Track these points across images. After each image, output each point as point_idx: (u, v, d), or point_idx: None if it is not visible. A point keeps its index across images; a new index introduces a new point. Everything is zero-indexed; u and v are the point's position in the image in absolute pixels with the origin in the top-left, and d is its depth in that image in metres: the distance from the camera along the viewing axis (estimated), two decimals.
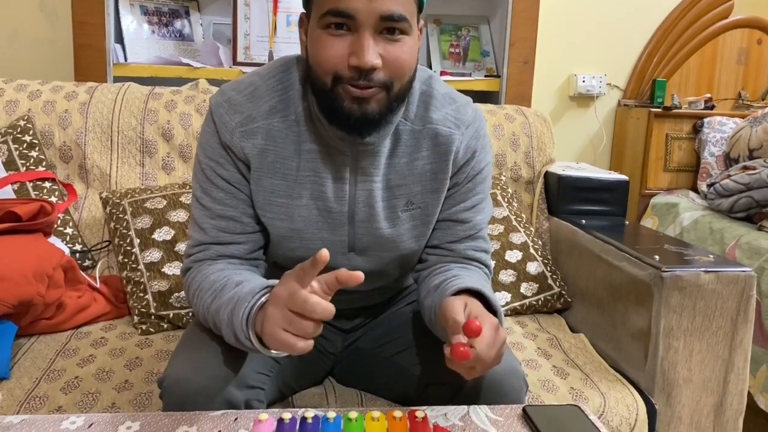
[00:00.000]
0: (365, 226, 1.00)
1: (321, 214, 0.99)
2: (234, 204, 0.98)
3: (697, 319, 1.26)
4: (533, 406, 0.88)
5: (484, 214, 1.06)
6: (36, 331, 1.31)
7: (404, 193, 1.00)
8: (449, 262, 1.04)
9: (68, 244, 1.51)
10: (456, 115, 1.01)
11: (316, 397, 1.14)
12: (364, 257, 1.03)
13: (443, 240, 1.05)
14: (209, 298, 0.92)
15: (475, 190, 1.04)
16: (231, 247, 0.99)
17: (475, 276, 1.00)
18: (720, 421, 1.29)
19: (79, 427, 0.81)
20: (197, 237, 0.99)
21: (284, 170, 0.97)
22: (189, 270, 1.00)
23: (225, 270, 0.95)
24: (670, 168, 2.38)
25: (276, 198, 0.98)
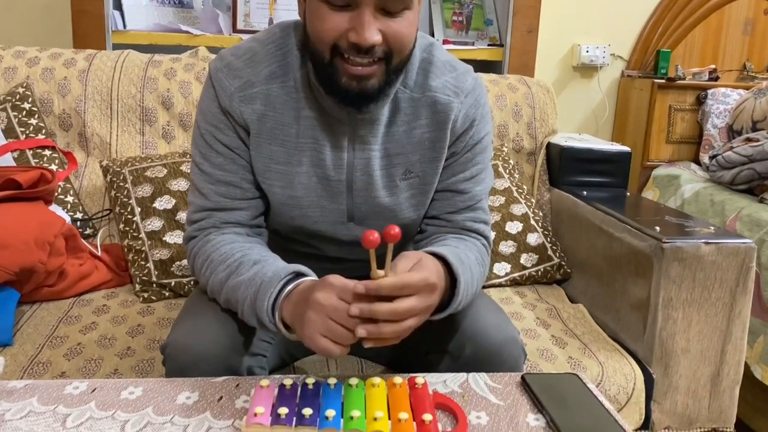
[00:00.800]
0: (363, 195, 1.00)
1: (320, 182, 0.99)
2: (234, 169, 0.98)
3: (696, 290, 1.26)
4: (532, 374, 0.89)
5: (483, 184, 1.05)
6: (38, 298, 1.32)
7: (402, 162, 1.00)
8: (447, 233, 1.04)
9: (69, 212, 1.51)
10: (455, 83, 1.00)
11: (316, 365, 1.15)
12: (363, 227, 1.03)
13: (442, 211, 1.04)
14: (223, 273, 0.91)
15: (474, 160, 1.03)
16: (234, 213, 0.98)
17: (463, 247, 0.99)
18: (716, 391, 1.30)
19: (83, 392, 0.82)
20: (199, 203, 0.99)
21: (283, 136, 0.97)
22: (193, 238, 0.99)
23: (236, 243, 0.95)
24: (672, 140, 2.36)
25: (275, 165, 0.98)
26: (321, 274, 1.12)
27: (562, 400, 0.83)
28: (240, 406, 0.80)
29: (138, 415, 0.77)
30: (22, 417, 0.76)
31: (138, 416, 0.77)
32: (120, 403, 0.80)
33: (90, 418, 0.76)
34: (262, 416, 0.74)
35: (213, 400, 0.81)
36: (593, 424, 0.78)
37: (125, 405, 0.79)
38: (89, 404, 0.79)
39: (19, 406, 0.79)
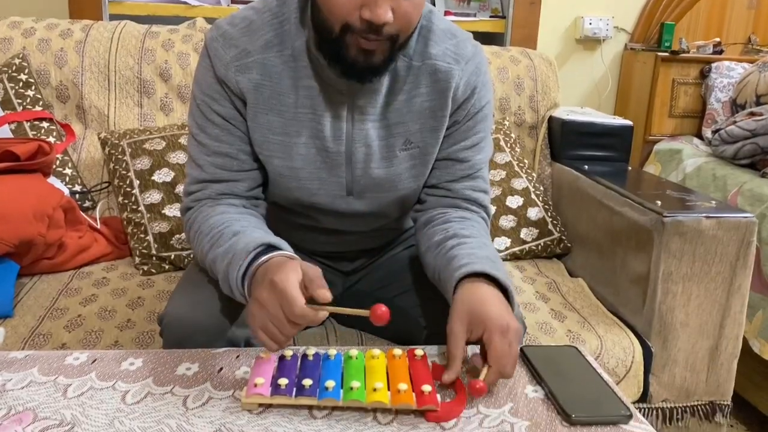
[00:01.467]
0: (362, 168, 0.99)
1: (319, 153, 0.98)
2: (230, 141, 0.97)
3: (696, 265, 1.26)
4: (531, 347, 0.89)
5: (483, 153, 1.04)
6: (38, 270, 1.32)
7: (402, 132, 0.99)
8: (448, 205, 1.03)
9: (67, 184, 1.50)
10: (456, 50, 0.98)
11: (316, 337, 1.16)
12: (362, 200, 1.02)
13: (441, 179, 1.03)
14: (207, 245, 0.91)
15: (475, 128, 1.02)
16: (230, 184, 0.98)
17: (475, 233, 0.97)
18: (714, 364, 1.31)
19: (83, 363, 0.82)
20: (195, 174, 0.98)
21: (281, 106, 0.95)
22: (189, 210, 0.99)
23: (225, 215, 0.94)
24: (675, 114, 2.34)
25: (273, 135, 0.97)
26: (320, 247, 1.13)
27: (561, 372, 0.83)
28: (240, 376, 0.81)
29: (138, 385, 0.78)
30: (23, 387, 0.77)
31: (138, 387, 0.77)
32: (120, 373, 0.80)
33: (91, 389, 0.77)
34: (262, 387, 0.74)
35: (213, 371, 0.81)
36: (592, 396, 0.79)
37: (125, 376, 0.80)
38: (90, 375, 0.80)
39: (20, 376, 0.79)
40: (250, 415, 0.73)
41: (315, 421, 0.73)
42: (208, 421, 0.72)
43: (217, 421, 0.72)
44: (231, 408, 0.74)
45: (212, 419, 0.72)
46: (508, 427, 0.73)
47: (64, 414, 0.72)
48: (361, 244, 1.14)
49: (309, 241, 1.11)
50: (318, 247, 1.12)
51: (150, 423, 0.71)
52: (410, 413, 0.75)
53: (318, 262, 1.14)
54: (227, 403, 0.75)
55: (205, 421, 0.72)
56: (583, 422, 0.74)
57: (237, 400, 0.75)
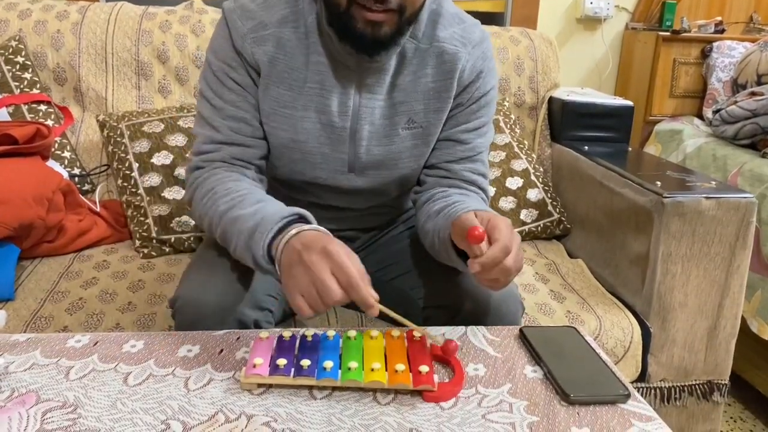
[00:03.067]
0: (366, 145, 1.00)
1: (324, 129, 0.99)
2: (245, 107, 0.98)
3: (696, 245, 1.26)
4: (530, 327, 0.90)
5: (485, 138, 1.05)
6: (38, 254, 1.32)
7: (406, 111, 1.00)
8: (447, 186, 1.04)
9: (66, 167, 1.50)
10: (463, 34, 1.00)
11: (317, 318, 1.16)
12: (363, 178, 1.04)
13: (441, 159, 1.04)
14: (224, 204, 0.90)
15: (479, 112, 1.03)
16: (244, 149, 0.98)
17: (475, 202, 0.99)
18: (713, 344, 1.31)
19: (85, 345, 0.83)
20: (208, 134, 0.98)
21: (291, 80, 0.97)
22: (200, 169, 0.98)
23: (242, 182, 0.95)
24: (675, 94, 2.33)
25: (281, 108, 0.98)
26: (320, 224, 1.13)
27: (560, 352, 0.84)
28: (240, 357, 0.81)
29: (140, 367, 0.78)
30: (25, 369, 0.77)
31: (140, 369, 0.78)
32: (122, 355, 0.81)
33: (93, 371, 0.77)
34: (261, 367, 0.75)
35: (214, 352, 0.82)
36: (591, 376, 0.79)
37: (127, 358, 0.80)
38: (92, 357, 0.80)
39: (23, 358, 0.79)
40: (251, 395, 0.74)
41: (315, 402, 0.73)
42: (209, 402, 0.72)
43: (218, 402, 0.72)
44: (232, 389, 0.75)
45: (213, 400, 0.73)
46: (507, 407, 0.73)
47: (66, 396, 0.72)
48: (360, 222, 1.15)
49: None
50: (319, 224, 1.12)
51: (152, 404, 0.71)
52: (409, 393, 0.75)
53: None
54: (228, 384, 0.76)
55: (207, 402, 0.72)
56: (581, 402, 0.74)
57: (237, 382, 0.76)
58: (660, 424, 0.72)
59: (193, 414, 0.70)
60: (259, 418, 0.70)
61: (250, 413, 0.70)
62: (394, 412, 0.72)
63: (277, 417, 0.70)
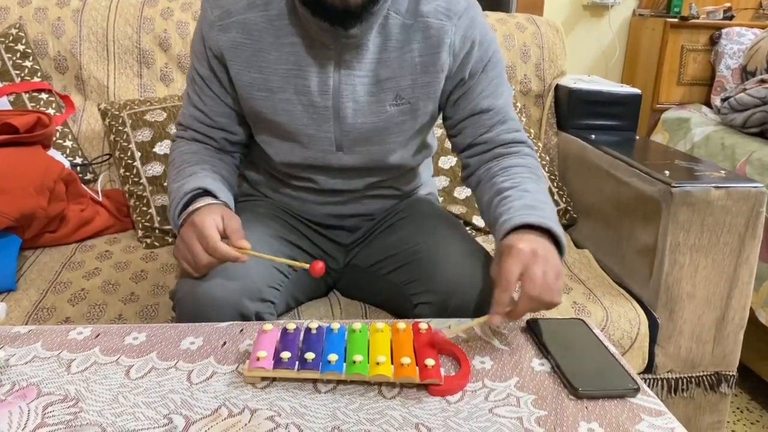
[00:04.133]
0: (351, 122, 1.01)
1: (305, 109, 1.00)
2: (205, 99, 1.03)
3: (704, 236, 1.24)
4: (537, 319, 0.89)
5: (504, 97, 1.05)
6: (40, 244, 1.32)
7: (392, 87, 1.00)
8: (489, 159, 1.03)
9: (68, 157, 1.49)
10: (447, 6, 0.99)
11: (321, 309, 1.15)
12: (352, 155, 1.04)
13: (476, 135, 1.04)
14: (172, 175, 1.01)
15: (489, 76, 1.03)
16: (203, 136, 1.05)
17: (517, 181, 0.96)
18: (721, 335, 1.30)
19: (87, 338, 0.82)
20: (179, 118, 1.08)
21: (261, 63, 0.98)
22: (173, 142, 1.08)
23: (195, 154, 1.02)
24: (683, 81, 2.30)
25: (258, 92, 1.00)
26: (320, 209, 1.12)
27: (568, 345, 0.83)
28: (244, 350, 0.80)
29: (142, 360, 0.77)
30: (26, 362, 0.76)
31: (142, 361, 0.77)
32: (124, 348, 0.80)
33: (94, 363, 0.76)
34: (265, 360, 0.74)
35: (217, 345, 0.81)
36: (599, 369, 0.78)
37: (129, 350, 0.79)
38: (93, 349, 0.79)
39: (24, 351, 0.79)
40: (255, 389, 0.73)
41: (320, 395, 0.72)
42: (212, 396, 0.71)
43: (222, 395, 0.71)
44: (235, 382, 0.74)
45: (216, 394, 0.72)
46: (514, 401, 0.72)
47: (68, 389, 0.72)
48: (359, 207, 1.13)
49: (309, 206, 1.11)
50: (318, 210, 1.12)
51: (154, 398, 0.70)
52: (414, 387, 0.74)
53: (319, 234, 1.14)
54: (231, 378, 0.75)
55: (210, 395, 0.71)
56: (589, 395, 0.73)
57: (241, 375, 0.75)
58: (670, 418, 0.71)
59: (196, 408, 0.69)
60: (263, 412, 0.69)
61: (254, 407, 0.70)
62: (400, 407, 0.71)
63: (281, 411, 0.69)
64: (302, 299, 1.13)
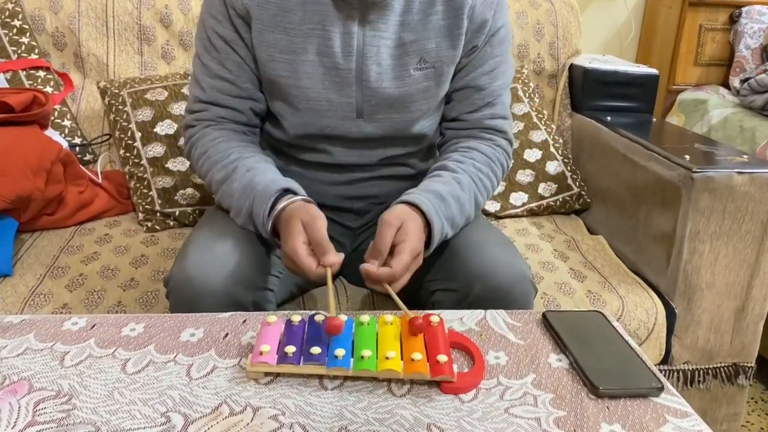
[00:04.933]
0: (374, 87, 0.98)
1: (327, 72, 0.96)
2: (230, 66, 0.98)
3: (725, 223, 1.20)
4: (553, 312, 0.84)
5: (503, 79, 1.03)
6: (38, 227, 1.28)
7: (417, 50, 0.97)
8: (465, 136, 1.04)
9: (66, 137, 1.44)
10: None
11: (326, 297, 1.11)
12: (373, 123, 1.01)
13: (462, 111, 1.04)
14: (219, 174, 0.95)
15: (493, 53, 1.01)
16: (230, 111, 1.00)
17: (462, 166, 0.98)
18: (740, 326, 1.26)
19: (82, 328, 0.78)
20: (197, 94, 1.00)
21: (286, 23, 0.94)
22: (191, 127, 1.01)
23: (232, 141, 0.97)
24: (701, 62, 2.23)
25: (279, 53, 0.96)
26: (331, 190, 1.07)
27: (586, 339, 0.78)
28: (246, 343, 0.76)
29: (139, 353, 0.74)
30: (18, 354, 0.73)
31: (139, 354, 0.73)
32: (121, 340, 0.76)
33: (89, 356, 0.73)
34: (268, 354, 0.70)
35: (218, 337, 0.77)
36: (620, 366, 0.74)
37: (126, 342, 0.75)
38: (88, 341, 0.75)
39: (16, 342, 0.75)
40: (257, 385, 0.69)
41: (326, 393, 0.68)
42: (212, 393, 0.67)
43: (223, 392, 0.68)
44: (237, 378, 0.70)
45: (217, 390, 0.68)
46: (531, 400, 0.68)
47: (61, 384, 0.68)
48: (369, 188, 1.09)
49: (317, 186, 1.06)
50: (327, 191, 1.07)
51: (152, 394, 0.67)
52: (426, 384, 0.70)
53: (327, 218, 1.09)
54: (233, 373, 0.71)
55: (210, 392, 0.68)
56: (611, 395, 0.69)
57: (243, 370, 0.71)
58: (696, 420, 0.67)
59: (196, 406, 0.65)
60: (266, 411, 0.65)
61: (257, 405, 0.66)
62: (410, 405, 0.67)
63: (285, 410, 0.65)
64: (306, 287, 1.09)
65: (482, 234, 0.97)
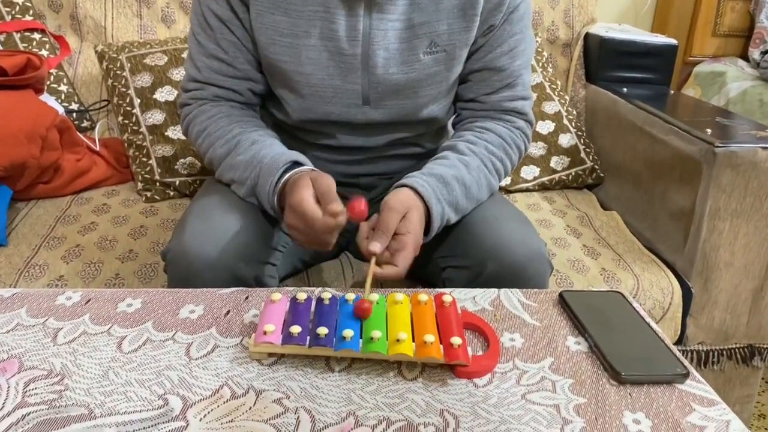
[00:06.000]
0: (381, 73, 0.91)
1: (332, 57, 0.90)
2: (225, 46, 0.92)
3: (747, 200, 1.15)
4: (570, 291, 0.80)
5: (523, 58, 0.96)
6: (33, 195, 1.24)
7: (427, 33, 0.91)
8: (481, 116, 0.98)
9: (63, 102, 1.39)
10: None
11: (332, 272, 1.08)
12: (380, 110, 0.95)
13: (479, 93, 0.98)
14: (221, 148, 0.90)
15: (511, 30, 0.94)
16: (226, 91, 0.95)
17: (472, 148, 0.93)
18: (757, 307, 1.22)
19: (76, 303, 0.74)
20: (192, 73, 0.95)
21: (287, 5, 0.88)
22: (187, 105, 0.96)
23: (232, 116, 0.93)
24: (719, 33, 2.15)
25: (280, 37, 0.89)
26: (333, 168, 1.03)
27: (606, 321, 0.75)
28: (249, 321, 0.73)
29: (136, 330, 0.70)
30: (8, 331, 0.69)
31: (136, 332, 0.70)
32: (117, 316, 0.72)
33: (84, 333, 0.69)
34: (272, 334, 0.66)
35: (219, 314, 0.73)
36: (642, 350, 0.70)
37: (122, 319, 0.72)
38: (83, 317, 0.72)
39: (6, 318, 0.71)
40: (260, 366, 0.65)
41: (332, 375, 0.65)
42: (213, 374, 0.64)
43: (224, 373, 0.64)
44: (239, 358, 0.66)
45: (218, 371, 0.64)
46: (549, 386, 0.65)
47: (53, 363, 0.64)
48: (379, 165, 1.04)
49: (321, 164, 1.01)
50: (332, 168, 1.03)
51: (149, 375, 0.63)
52: (438, 366, 0.67)
53: None
54: (234, 353, 0.67)
55: (211, 373, 0.64)
56: (634, 381, 0.65)
57: (245, 350, 0.68)
58: (724, 409, 0.63)
59: (195, 388, 0.62)
60: (270, 394, 0.61)
61: (260, 388, 0.62)
62: (422, 389, 0.63)
63: (290, 393, 0.62)
64: (311, 261, 1.05)
65: (497, 209, 0.92)
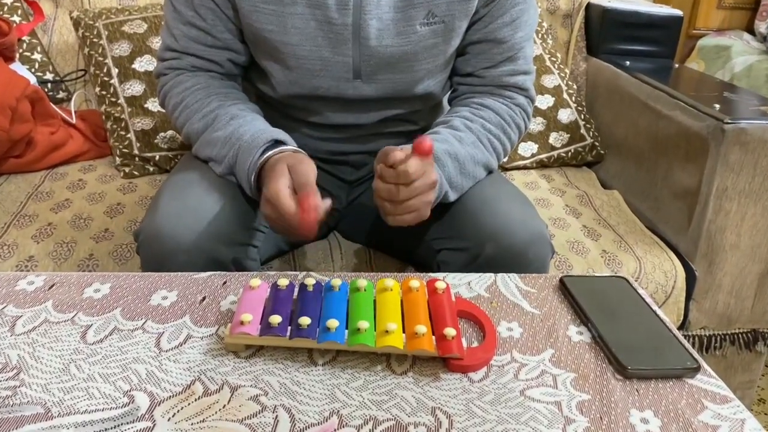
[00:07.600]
0: (374, 44, 0.85)
1: (320, 27, 0.84)
2: (203, 12, 0.86)
3: (756, 179, 1.10)
4: (572, 277, 0.75)
5: (526, 29, 0.90)
6: (4, 170, 1.17)
7: (425, 2, 0.84)
8: (480, 92, 0.92)
9: (37, 72, 1.32)
10: None
11: (319, 253, 1.02)
12: (372, 84, 0.89)
13: (477, 66, 0.92)
14: (198, 123, 0.86)
15: (514, 0, 0.87)
16: (205, 61, 0.89)
17: (468, 124, 0.88)
18: (763, 291, 1.18)
19: (38, 288, 0.69)
20: (168, 42, 0.89)
21: None
22: (164, 75, 0.91)
23: (210, 88, 0.88)
24: (724, 5, 2.09)
25: (264, 4, 0.83)
26: (322, 145, 0.97)
27: (610, 310, 0.70)
28: (226, 309, 0.67)
29: (103, 318, 0.64)
30: None
31: (103, 320, 0.64)
32: (82, 303, 0.67)
33: (45, 322, 0.63)
34: (250, 324, 0.61)
35: (194, 301, 0.68)
36: (649, 342, 0.65)
37: (88, 306, 0.66)
38: (45, 304, 0.66)
39: None
40: (237, 359, 0.60)
41: (315, 369, 0.60)
42: (185, 367, 0.58)
43: (196, 367, 0.59)
44: (213, 350, 0.61)
45: (190, 364, 0.59)
46: (550, 380, 0.60)
47: (9, 355, 0.59)
48: (371, 144, 0.98)
49: (308, 141, 0.96)
50: (320, 146, 0.97)
51: (114, 369, 0.58)
52: (430, 359, 0.61)
53: (319, 169, 0.99)
54: (209, 344, 0.62)
55: (182, 366, 0.59)
56: (641, 375, 0.61)
57: (221, 340, 0.62)
58: (738, 407, 0.58)
59: (164, 383, 0.56)
60: (246, 390, 0.56)
61: (235, 383, 0.57)
62: (413, 385, 0.58)
63: (268, 389, 0.56)
64: (296, 242, 1.00)
65: (495, 188, 0.87)
